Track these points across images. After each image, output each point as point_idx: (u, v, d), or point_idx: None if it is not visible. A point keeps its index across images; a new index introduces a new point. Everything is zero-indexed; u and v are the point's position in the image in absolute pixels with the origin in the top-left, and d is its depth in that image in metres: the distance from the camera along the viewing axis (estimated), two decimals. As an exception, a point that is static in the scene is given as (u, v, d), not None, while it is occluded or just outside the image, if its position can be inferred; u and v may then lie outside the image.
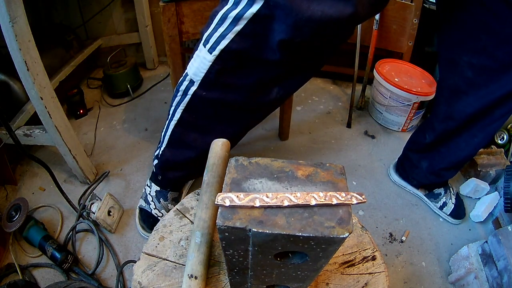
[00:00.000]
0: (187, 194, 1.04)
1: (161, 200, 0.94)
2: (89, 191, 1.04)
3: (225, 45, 0.63)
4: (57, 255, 0.83)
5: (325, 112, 1.51)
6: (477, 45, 0.76)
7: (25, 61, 0.77)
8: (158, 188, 0.94)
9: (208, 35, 0.65)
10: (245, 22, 0.59)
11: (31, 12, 0.78)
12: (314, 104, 1.56)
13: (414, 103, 1.30)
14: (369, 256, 0.55)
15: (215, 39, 0.63)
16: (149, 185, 0.96)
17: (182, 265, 0.53)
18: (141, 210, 0.96)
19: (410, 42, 1.43)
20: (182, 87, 0.73)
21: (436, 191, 1.09)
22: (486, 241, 0.85)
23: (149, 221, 0.94)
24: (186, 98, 0.73)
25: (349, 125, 1.43)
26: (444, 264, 0.95)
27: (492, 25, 0.71)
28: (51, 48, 1.28)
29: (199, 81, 0.69)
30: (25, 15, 0.75)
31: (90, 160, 1.09)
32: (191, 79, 0.71)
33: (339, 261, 0.55)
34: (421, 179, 1.08)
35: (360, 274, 0.53)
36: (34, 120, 0.97)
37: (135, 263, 0.53)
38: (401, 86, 1.29)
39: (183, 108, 0.75)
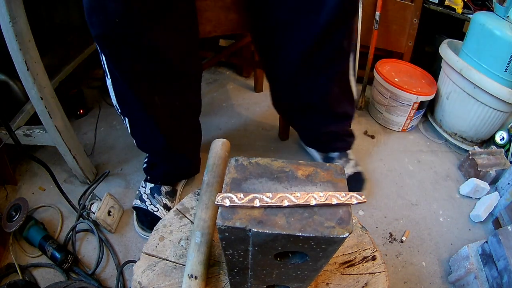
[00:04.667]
0: (182, 192, 1.05)
1: (155, 195, 0.96)
2: (89, 191, 1.04)
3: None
4: (57, 255, 0.83)
5: (325, 112, 1.51)
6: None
7: (25, 61, 0.77)
8: (152, 185, 0.97)
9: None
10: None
11: (31, 12, 0.78)
12: (314, 104, 1.55)
13: (414, 103, 1.30)
14: (369, 256, 0.56)
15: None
16: (143, 185, 0.99)
17: (182, 265, 0.53)
18: (137, 209, 0.96)
19: (410, 42, 1.43)
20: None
21: (331, 154, 1.10)
22: (486, 241, 0.85)
23: (146, 219, 0.94)
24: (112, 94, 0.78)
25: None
26: (444, 264, 0.95)
27: None
28: (51, 48, 1.28)
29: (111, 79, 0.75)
30: (25, 15, 0.75)
31: (90, 160, 1.08)
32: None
33: (339, 261, 0.55)
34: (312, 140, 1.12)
35: (360, 274, 0.53)
36: (34, 120, 0.97)
37: (135, 263, 0.53)
38: (401, 86, 1.29)
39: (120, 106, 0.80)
